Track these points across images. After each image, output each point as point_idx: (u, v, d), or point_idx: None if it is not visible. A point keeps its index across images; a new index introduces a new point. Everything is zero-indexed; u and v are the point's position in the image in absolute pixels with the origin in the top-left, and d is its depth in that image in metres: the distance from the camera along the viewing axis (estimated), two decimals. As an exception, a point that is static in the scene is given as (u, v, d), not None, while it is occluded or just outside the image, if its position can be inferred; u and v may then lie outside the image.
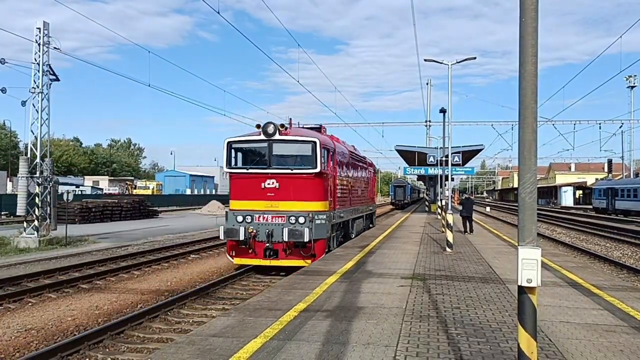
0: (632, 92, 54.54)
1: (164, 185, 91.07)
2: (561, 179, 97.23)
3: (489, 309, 7.17)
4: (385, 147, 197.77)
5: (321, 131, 15.98)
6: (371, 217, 24.49)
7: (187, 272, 13.71)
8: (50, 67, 19.11)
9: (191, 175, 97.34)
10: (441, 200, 24.49)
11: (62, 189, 36.06)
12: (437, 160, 31.02)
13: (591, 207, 54.63)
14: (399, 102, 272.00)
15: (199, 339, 5.68)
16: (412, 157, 37.27)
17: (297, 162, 13.18)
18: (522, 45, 3.68)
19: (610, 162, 60.91)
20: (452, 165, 25.04)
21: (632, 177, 53.02)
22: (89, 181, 79.80)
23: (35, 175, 18.85)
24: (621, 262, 16.15)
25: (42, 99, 18.94)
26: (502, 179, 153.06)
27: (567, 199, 71.30)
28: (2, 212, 34.33)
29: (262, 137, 13.11)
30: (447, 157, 21.31)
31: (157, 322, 8.77)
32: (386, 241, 16.66)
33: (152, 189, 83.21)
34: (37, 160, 18.92)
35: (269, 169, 13.01)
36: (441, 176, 29.55)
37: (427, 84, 44.00)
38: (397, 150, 36.84)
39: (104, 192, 65.68)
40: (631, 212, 40.92)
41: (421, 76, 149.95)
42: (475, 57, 19.08)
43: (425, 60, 19.80)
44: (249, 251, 12.87)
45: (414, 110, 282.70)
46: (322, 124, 17.01)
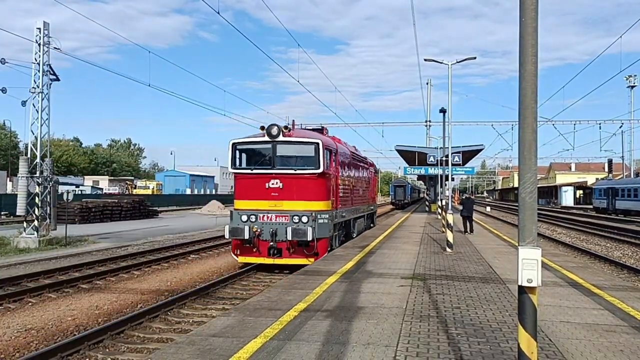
0: (632, 92, 54.59)
1: (164, 185, 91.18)
2: (561, 178, 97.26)
3: (489, 309, 7.17)
4: (385, 147, 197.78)
5: (323, 132, 16.27)
6: (372, 217, 24.56)
7: (187, 272, 13.72)
8: (50, 67, 19.12)
9: (191, 175, 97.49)
10: (441, 200, 24.47)
11: (62, 189, 36.07)
12: (437, 160, 31.05)
13: (591, 207, 54.59)
14: (399, 102, 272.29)
15: (199, 339, 5.68)
16: (412, 157, 37.28)
17: (300, 162, 13.39)
18: (522, 45, 3.69)
19: (610, 162, 60.99)
20: (452, 165, 25.02)
21: (632, 177, 53.03)
22: (89, 181, 79.86)
23: (35, 175, 18.85)
24: (621, 262, 16.15)
25: (42, 99, 18.95)
26: (502, 178, 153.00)
27: (567, 198, 71.30)
28: (2, 212, 34.33)
29: (266, 139, 13.35)
30: (447, 157, 21.31)
31: (157, 322, 8.77)
32: (386, 241, 16.66)
33: (152, 188, 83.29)
34: (37, 160, 18.92)
35: (273, 170, 13.25)
36: (441, 176, 29.58)
37: (427, 84, 44.01)
38: (397, 150, 36.86)
39: (104, 192, 65.72)
40: (631, 212, 40.90)
41: (421, 76, 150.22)
42: (475, 57, 19.13)
43: (425, 60, 19.83)
44: (254, 250, 13.15)
45: (414, 110, 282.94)
46: (323, 125, 17.12)
